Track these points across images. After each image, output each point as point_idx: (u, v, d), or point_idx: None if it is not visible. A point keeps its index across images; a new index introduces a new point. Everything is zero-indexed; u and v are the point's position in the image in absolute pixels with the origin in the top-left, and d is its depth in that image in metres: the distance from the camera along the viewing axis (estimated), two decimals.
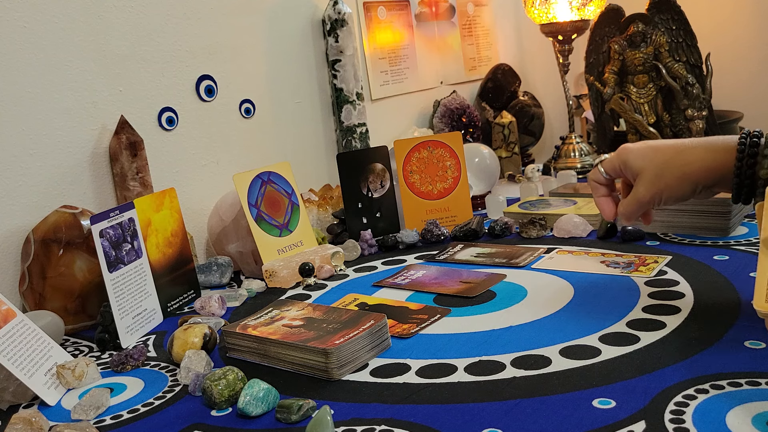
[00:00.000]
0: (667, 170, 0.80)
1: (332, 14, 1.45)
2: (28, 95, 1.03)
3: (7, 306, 0.78)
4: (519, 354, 0.72)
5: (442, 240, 1.20)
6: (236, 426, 0.65)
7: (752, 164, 0.75)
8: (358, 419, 0.63)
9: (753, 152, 0.75)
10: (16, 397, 0.76)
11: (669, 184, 0.80)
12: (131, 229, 0.94)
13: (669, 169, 0.80)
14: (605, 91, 1.60)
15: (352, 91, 1.48)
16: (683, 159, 0.79)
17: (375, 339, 0.76)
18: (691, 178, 0.79)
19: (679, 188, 0.80)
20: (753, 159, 0.75)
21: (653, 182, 0.81)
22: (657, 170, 0.80)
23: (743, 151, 0.75)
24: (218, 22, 1.29)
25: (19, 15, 1.02)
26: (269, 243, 1.10)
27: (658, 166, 0.80)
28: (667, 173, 0.80)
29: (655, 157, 0.81)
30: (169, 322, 0.97)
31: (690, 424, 0.55)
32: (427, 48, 1.79)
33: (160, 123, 1.21)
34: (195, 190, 1.26)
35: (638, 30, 1.55)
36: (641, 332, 0.73)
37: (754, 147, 0.75)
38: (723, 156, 0.77)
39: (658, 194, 0.81)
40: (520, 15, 2.06)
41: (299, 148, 1.46)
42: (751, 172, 0.75)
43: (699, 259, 0.94)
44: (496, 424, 0.59)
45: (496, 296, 0.90)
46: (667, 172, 0.80)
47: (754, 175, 0.75)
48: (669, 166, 0.80)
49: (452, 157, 1.28)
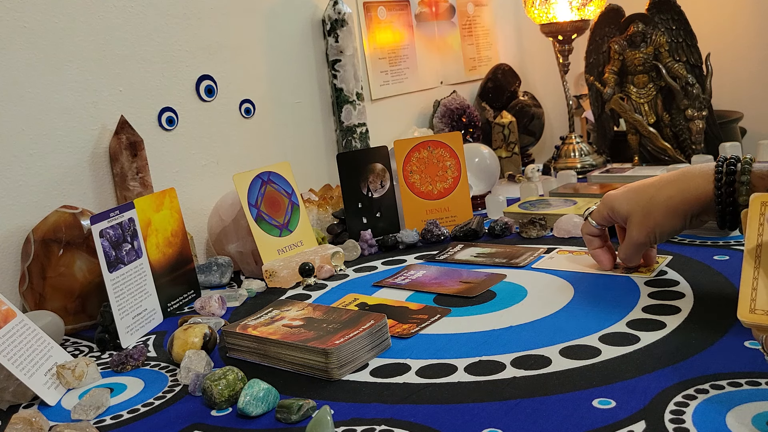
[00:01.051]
0: (653, 208, 0.81)
1: (332, 14, 1.45)
2: (28, 95, 1.03)
3: (7, 306, 0.78)
4: (519, 354, 0.72)
5: (442, 240, 1.20)
6: (236, 426, 0.65)
7: (731, 192, 0.76)
8: (358, 419, 0.63)
9: (730, 180, 0.76)
10: (16, 397, 0.76)
11: (658, 221, 0.82)
12: (131, 229, 0.94)
13: (655, 207, 0.81)
14: (605, 91, 1.60)
15: (352, 91, 1.48)
16: (665, 194, 0.81)
17: (375, 339, 0.76)
18: (677, 211, 0.80)
19: (669, 223, 0.81)
20: (731, 186, 0.76)
21: (643, 222, 0.83)
22: (644, 210, 0.82)
23: (720, 179, 0.76)
24: (218, 22, 1.29)
25: (19, 15, 1.02)
26: (269, 243, 1.10)
27: (644, 207, 0.82)
28: (654, 211, 0.81)
29: (639, 198, 0.83)
30: (169, 322, 0.97)
31: (690, 424, 0.55)
32: (427, 48, 1.79)
33: (160, 123, 1.21)
34: (195, 190, 1.26)
35: (638, 30, 1.55)
36: (641, 332, 0.73)
37: (732, 175, 0.76)
38: (702, 184, 0.78)
39: (651, 233, 0.83)
40: (520, 15, 2.06)
41: (299, 148, 1.46)
42: (732, 200, 0.76)
43: (699, 259, 0.94)
44: (496, 424, 0.59)
45: (496, 296, 0.90)
46: (654, 210, 0.81)
47: (734, 201, 0.76)
48: (653, 204, 0.82)
49: (452, 157, 1.28)
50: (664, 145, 1.54)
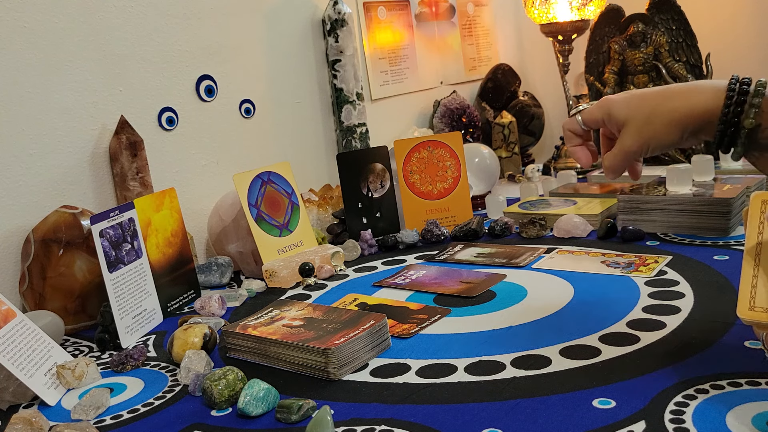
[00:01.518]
0: (655, 117, 0.77)
1: (332, 14, 1.45)
2: (28, 95, 1.03)
3: (7, 306, 0.78)
4: (519, 354, 0.72)
5: (442, 240, 1.20)
6: (236, 426, 0.65)
7: (738, 112, 0.73)
8: (358, 419, 0.63)
9: (741, 100, 0.73)
10: (16, 397, 0.76)
11: (657, 131, 0.77)
12: (131, 229, 0.94)
13: (657, 117, 0.77)
14: (605, 91, 1.60)
15: (352, 91, 1.48)
16: (671, 105, 0.77)
17: (375, 339, 0.76)
18: (679, 124, 0.76)
19: (666, 135, 0.77)
20: (740, 107, 0.73)
21: (641, 131, 0.78)
22: (645, 118, 0.78)
23: (731, 98, 0.73)
24: (218, 22, 1.29)
25: (19, 15, 1.02)
26: (269, 243, 1.10)
27: (646, 114, 0.78)
28: (656, 120, 0.77)
29: (642, 105, 0.78)
30: (169, 322, 0.97)
31: (690, 424, 0.55)
32: (427, 48, 1.79)
33: (160, 123, 1.21)
34: (195, 190, 1.26)
35: (638, 30, 1.55)
36: (641, 332, 0.73)
37: (743, 95, 0.73)
38: (712, 101, 0.74)
39: (645, 143, 0.78)
40: (520, 15, 2.06)
41: (299, 148, 1.46)
42: (736, 120, 0.73)
43: (699, 259, 0.94)
44: (496, 424, 0.59)
45: (496, 296, 0.90)
46: (655, 120, 0.77)
47: (738, 123, 0.73)
48: (656, 113, 0.77)
49: (452, 157, 1.28)
50: None
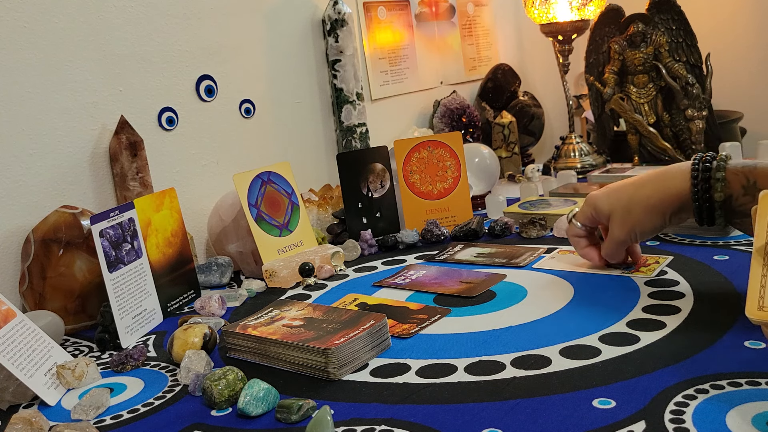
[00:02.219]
0: (634, 206, 0.84)
1: (332, 14, 1.45)
2: (28, 95, 1.03)
3: (7, 306, 0.78)
4: (519, 354, 0.72)
5: (442, 240, 1.20)
6: (236, 426, 0.65)
7: (707, 188, 0.79)
8: (358, 419, 0.63)
9: (706, 176, 0.78)
10: (16, 397, 0.76)
11: (638, 218, 0.84)
12: (131, 229, 0.94)
13: (635, 205, 0.84)
14: (605, 91, 1.60)
15: (352, 91, 1.48)
16: (644, 193, 0.83)
17: (375, 339, 0.76)
18: (656, 209, 0.83)
19: (649, 221, 0.84)
20: (707, 183, 0.78)
21: (624, 220, 0.85)
22: (624, 209, 0.85)
23: (696, 177, 0.79)
24: (218, 22, 1.29)
25: (19, 15, 1.02)
26: (269, 243, 1.10)
27: (624, 205, 0.85)
28: (635, 209, 0.84)
29: (620, 196, 0.86)
30: (169, 322, 0.97)
31: (690, 424, 0.55)
32: (427, 48, 1.79)
33: (160, 123, 1.21)
34: (195, 190, 1.26)
35: (638, 30, 1.55)
36: (641, 332, 0.73)
37: (707, 171, 0.79)
38: (680, 183, 0.81)
39: (631, 230, 0.85)
40: (520, 15, 2.06)
41: (299, 148, 1.46)
42: (708, 196, 0.79)
43: (699, 259, 0.94)
44: (496, 424, 0.59)
45: (496, 296, 0.90)
46: (634, 208, 0.84)
47: (710, 198, 0.79)
48: (633, 202, 0.84)
49: (452, 157, 1.28)
50: (664, 145, 1.54)
